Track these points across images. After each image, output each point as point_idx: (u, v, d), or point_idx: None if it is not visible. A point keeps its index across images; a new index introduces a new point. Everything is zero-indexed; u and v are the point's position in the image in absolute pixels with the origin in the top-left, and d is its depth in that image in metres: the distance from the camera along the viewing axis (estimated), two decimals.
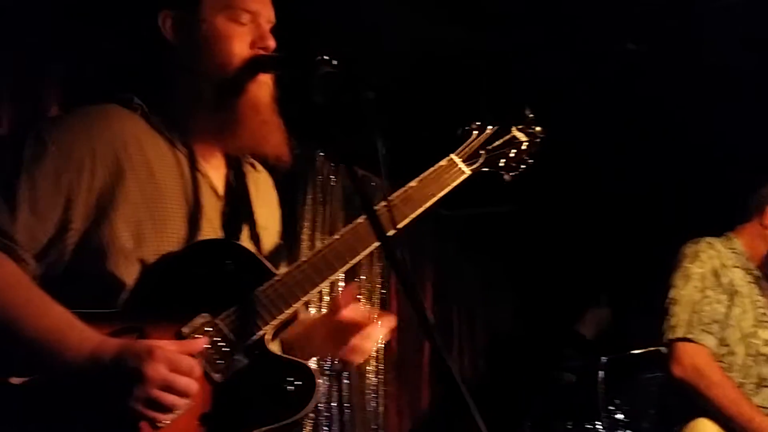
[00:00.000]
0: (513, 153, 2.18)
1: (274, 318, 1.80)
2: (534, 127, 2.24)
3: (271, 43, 1.91)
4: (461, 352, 6.05)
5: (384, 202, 1.88)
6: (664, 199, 5.38)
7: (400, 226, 1.86)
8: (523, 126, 2.23)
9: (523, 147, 2.20)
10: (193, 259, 1.79)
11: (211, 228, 1.86)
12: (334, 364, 4.85)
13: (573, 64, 4.42)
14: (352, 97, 1.65)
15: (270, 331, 1.80)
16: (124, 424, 1.60)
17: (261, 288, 1.80)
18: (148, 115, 1.88)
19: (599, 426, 4.58)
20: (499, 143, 2.17)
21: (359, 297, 2.16)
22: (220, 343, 1.73)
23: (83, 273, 1.73)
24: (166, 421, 1.62)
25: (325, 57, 1.72)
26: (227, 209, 1.91)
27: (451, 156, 2.10)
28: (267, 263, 1.85)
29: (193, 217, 1.84)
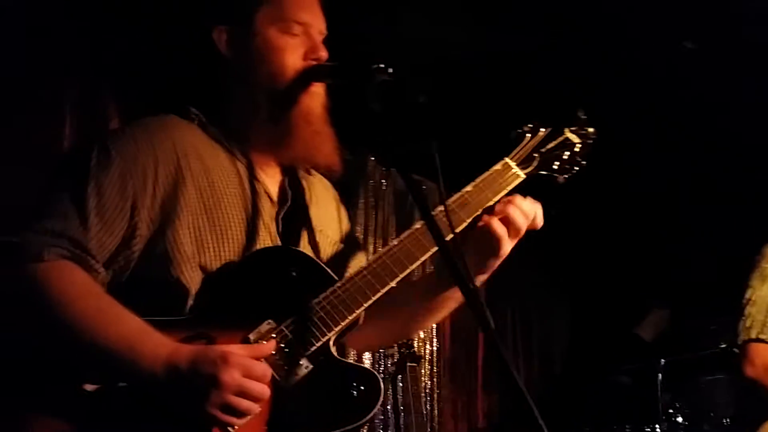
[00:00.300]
0: (566, 155, 2.15)
1: (338, 324, 1.81)
2: (587, 128, 2.21)
3: (323, 53, 1.93)
4: (516, 355, 6.00)
5: (441, 207, 1.87)
6: (727, 200, 5.27)
7: (457, 230, 1.86)
8: (576, 127, 2.20)
9: (576, 149, 2.17)
10: (256, 267, 1.83)
11: (268, 234, 1.89)
12: (388, 367, 4.86)
13: (627, 64, 4.36)
14: (405, 103, 1.66)
15: (333, 337, 1.82)
16: (197, 429, 1.63)
17: (324, 294, 1.82)
18: (206, 125, 1.92)
19: (658, 429, 4.51)
20: (552, 145, 2.14)
21: None
22: (286, 349, 1.76)
23: (148, 279, 1.77)
24: (240, 424, 1.65)
25: (381, 65, 1.73)
26: (283, 215, 1.94)
27: (506, 159, 2.08)
28: (327, 269, 1.87)
29: (252, 224, 1.87)
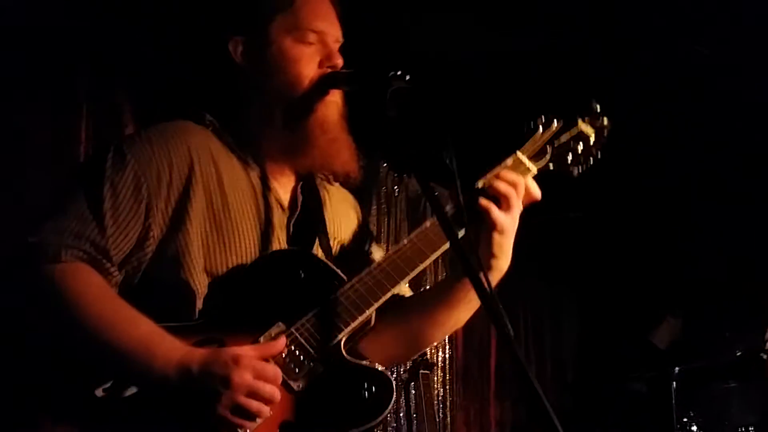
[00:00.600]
0: (581, 148, 2.05)
1: (349, 324, 1.81)
2: (601, 119, 2.10)
3: (339, 61, 1.93)
4: (528, 362, 5.98)
5: (450, 204, 1.85)
6: (742, 207, 5.24)
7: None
8: (590, 119, 2.09)
9: (591, 141, 2.06)
10: (265, 270, 1.83)
11: (277, 241, 1.90)
12: (401, 374, 4.85)
13: (637, 65, 4.35)
14: (420, 109, 1.66)
15: (345, 338, 1.81)
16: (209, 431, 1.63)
17: (333, 295, 1.82)
18: (220, 132, 1.93)
19: None
20: (566, 138, 2.04)
21: None
22: (296, 351, 1.76)
23: (158, 281, 1.78)
24: (251, 427, 1.64)
25: (398, 72, 1.73)
26: (294, 222, 1.95)
27: (517, 153, 2.00)
28: (337, 270, 1.87)
29: (260, 231, 1.88)
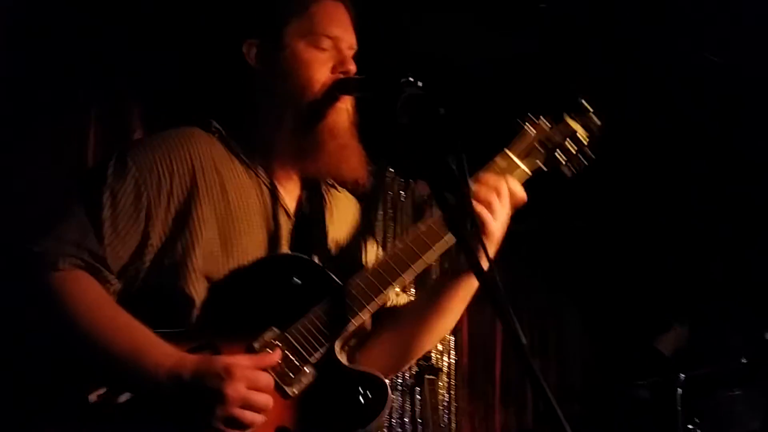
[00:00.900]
0: (573, 149, 2.03)
1: (343, 329, 1.82)
2: (589, 115, 2.07)
3: (352, 67, 1.94)
4: None
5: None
6: (748, 214, 5.21)
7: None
8: (577, 115, 2.07)
9: (584, 141, 2.05)
10: (259, 275, 1.84)
11: (280, 247, 1.91)
12: (406, 379, 4.85)
13: (645, 70, 4.33)
14: (431, 115, 1.67)
15: (339, 342, 1.82)
16: None
17: (327, 300, 1.83)
18: (226, 139, 1.95)
19: None
20: (557, 137, 2.03)
21: None
22: (291, 356, 1.77)
23: (157, 290, 1.80)
24: None
25: (410, 78, 1.73)
26: (297, 229, 1.96)
27: (506, 150, 1.99)
28: (332, 275, 1.87)
29: (264, 238, 1.89)
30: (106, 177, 1.78)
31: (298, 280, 1.84)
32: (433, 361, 4.83)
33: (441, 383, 5.13)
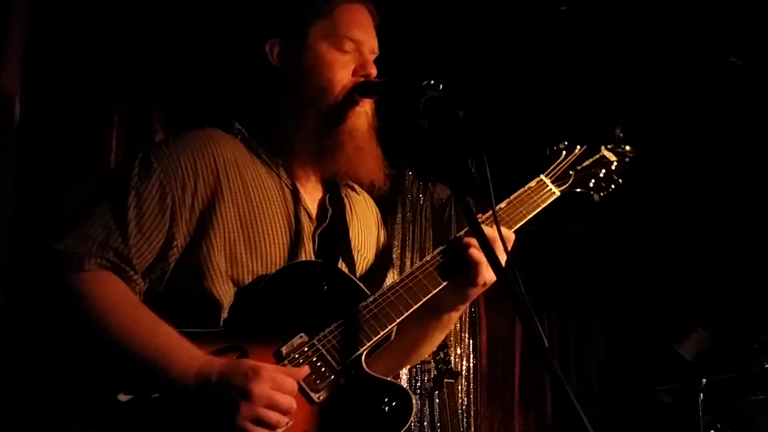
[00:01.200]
0: (602, 173, 2.16)
1: (370, 339, 1.83)
2: (624, 146, 2.22)
3: (373, 70, 1.95)
4: None
5: (489, 212, 1.92)
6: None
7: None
8: (613, 145, 2.21)
9: (613, 167, 2.18)
10: (289, 280, 1.84)
11: (303, 251, 1.91)
12: (426, 383, 4.84)
13: (668, 76, 4.31)
14: (452, 118, 1.68)
15: (365, 352, 1.83)
16: None
17: (356, 309, 1.84)
18: (248, 139, 1.95)
19: None
20: (588, 163, 2.16)
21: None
22: (318, 363, 1.77)
23: (182, 290, 1.80)
24: None
25: (431, 81, 1.75)
26: (320, 232, 1.96)
27: (541, 176, 2.10)
28: (360, 284, 1.89)
29: (288, 240, 1.89)
30: (131, 178, 1.79)
31: (326, 288, 1.85)
32: (453, 364, 4.81)
33: (460, 387, 5.12)
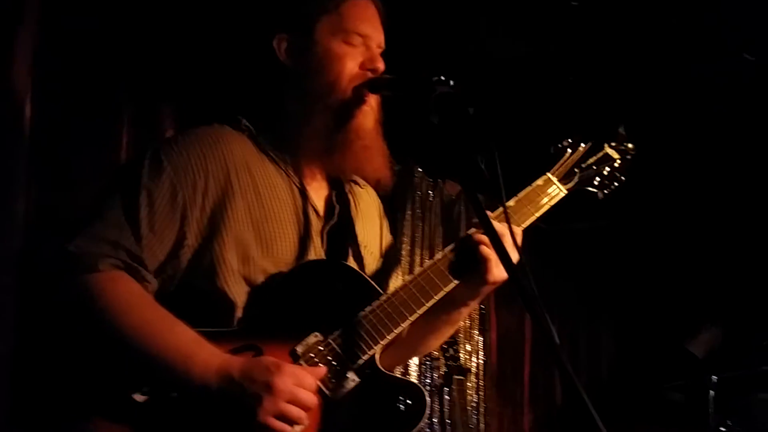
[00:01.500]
0: (606, 171, 2.19)
1: (384, 337, 1.84)
2: (626, 144, 2.25)
3: (381, 65, 1.96)
4: None
5: (500, 209, 1.94)
6: None
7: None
8: (616, 143, 2.24)
9: (616, 164, 2.21)
10: (302, 279, 1.85)
11: (313, 249, 1.92)
12: (435, 380, 4.85)
13: (670, 75, 4.30)
14: (461, 114, 1.68)
15: (379, 351, 1.84)
16: None
17: (369, 308, 1.85)
18: (256, 136, 1.96)
19: None
20: (592, 161, 2.18)
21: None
22: (333, 362, 1.78)
23: (195, 289, 1.81)
24: None
25: (442, 77, 1.75)
26: (329, 230, 1.97)
27: (548, 174, 2.12)
28: (373, 283, 1.90)
29: (298, 239, 1.90)
30: (142, 176, 1.79)
31: (339, 287, 1.86)
32: (462, 361, 4.81)
33: (470, 384, 5.12)
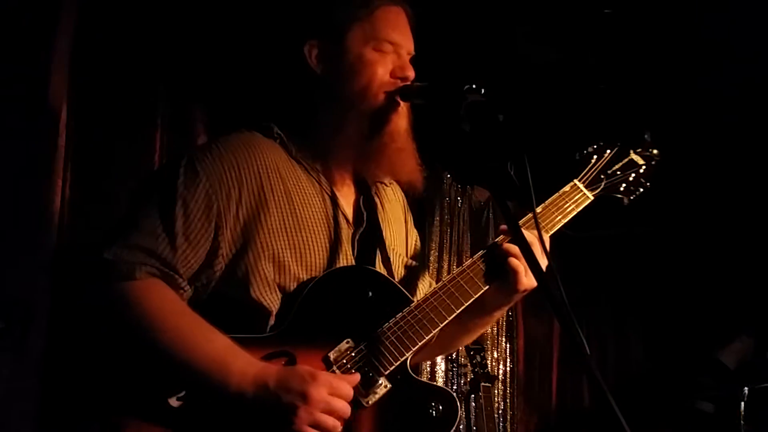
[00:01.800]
0: (632, 177, 2.20)
1: (416, 344, 1.84)
2: (651, 150, 2.25)
3: (411, 73, 1.96)
4: None
5: (529, 215, 1.94)
6: None
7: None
8: (641, 149, 2.24)
9: (642, 170, 2.22)
10: (334, 286, 1.86)
11: (344, 256, 1.93)
12: (462, 386, 4.84)
13: (697, 83, 4.26)
14: (488, 121, 1.68)
15: (411, 356, 1.84)
16: None
17: (400, 314, 1.85)
18: (287, 144, 1.96)
19: None
20: (618, 167, 2.20)
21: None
22: (366, 368, 1.79)
23: (229, 298, 1.82)
24: None
25: (473, 85, 1.75)
26: (358, 236, 1.97)
27: (575, 181, 2.13)
28: (403, 290, 1.90)
29: (330, 246, 1.91)
30: (177, 186, 1.80)
31: (370, 293, 1.86)
32: (489, 368, 4.80)
33: (497, 391, 5.10)
